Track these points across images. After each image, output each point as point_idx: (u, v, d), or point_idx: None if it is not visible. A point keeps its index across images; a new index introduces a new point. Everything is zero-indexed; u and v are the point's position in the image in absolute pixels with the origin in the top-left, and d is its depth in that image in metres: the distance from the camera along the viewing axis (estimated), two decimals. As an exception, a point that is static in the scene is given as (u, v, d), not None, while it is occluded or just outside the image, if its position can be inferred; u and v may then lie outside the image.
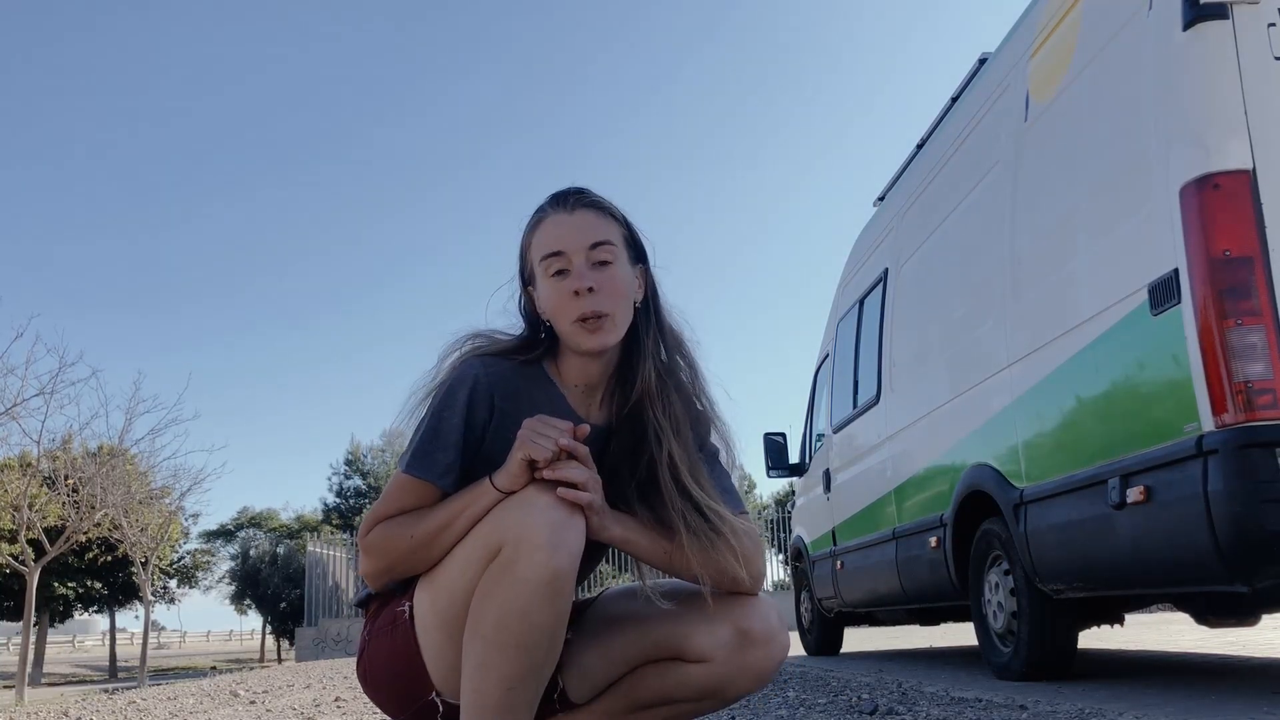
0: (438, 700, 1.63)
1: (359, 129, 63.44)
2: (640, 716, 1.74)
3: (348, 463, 33.56)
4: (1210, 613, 3.88)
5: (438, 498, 1.58)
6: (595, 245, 1.61)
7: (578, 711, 1.74)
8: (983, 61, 4.56)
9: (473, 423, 1.59)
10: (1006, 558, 3.81)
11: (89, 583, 27.72)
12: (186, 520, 25.67)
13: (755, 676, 1.68)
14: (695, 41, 72.55)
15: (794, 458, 7.32)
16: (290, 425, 66.74)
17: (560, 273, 1.61)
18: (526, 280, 1.69)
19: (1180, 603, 3.84)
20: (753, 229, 73.64)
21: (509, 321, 1.73)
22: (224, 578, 33.57)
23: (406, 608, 1.61)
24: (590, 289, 1.58)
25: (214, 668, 25.98)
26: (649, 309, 1.70)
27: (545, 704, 1.63)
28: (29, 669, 13.72)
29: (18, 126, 55.94)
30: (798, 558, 7.26)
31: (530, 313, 1.70)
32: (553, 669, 1.55)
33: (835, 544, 6.17)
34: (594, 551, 1.71)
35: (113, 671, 30.76)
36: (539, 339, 1.69)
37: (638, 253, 1.70)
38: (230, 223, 61.33)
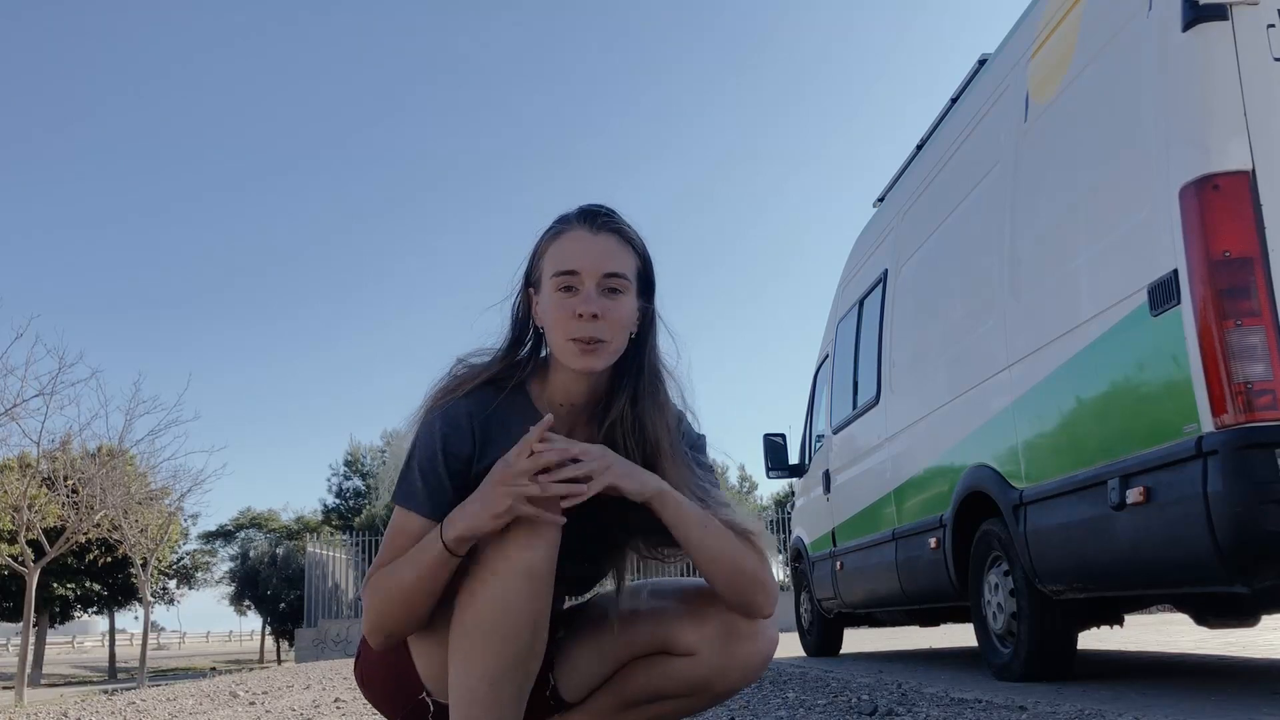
0: (428, 700, 1.65)
1: (360, 128, 63.48)
2: (633, 714, 1.74)
3: (347, 463, 33.57)
4: (1210, 613, 3.89)
5: (429, 530, 1.55)
6: (610, 275, 1.59)
7: (571, 711, 1.75)
8: (983, 62, 4.56)
9: (454, 468, 1.57)
10: (1006, 558, 3.81)
11: (88, 583, 27.72)
12: (186, 521, 25.68)
13: (743, 670, 1.67)
14: (692, 40, 72.65)
15: (794, 458, 7.32)
16: (290, 426, 66.77)
17: (569, 289, 1.58)
18: (530, 282, 1.66)
19: (1180, 603, 3.84)
20: (752, 228, 73.67)
21: (497, 328, 1.69)
22: (223, 578, 33.58)
23: None
24: (595, 315, 1.56)
25: (214, 668, 25.96)
26: (640, 343, 1.67)
27: (538, 702, 1.63)
28: (28, 670, 13.71)
29: (17, 126, 55.98)
30: (797, 558, 7.26)
31: (522, 316, 1.67)
32: (539, 663, 1.55)
33: (835, 545, 6.17)
34: (593, 556, 1.71)
35: (112, 672, 30.76)
36: (522, 353, 1.67)
37: (645, 287, 1.68)
38: (231, 223, 61.44)
